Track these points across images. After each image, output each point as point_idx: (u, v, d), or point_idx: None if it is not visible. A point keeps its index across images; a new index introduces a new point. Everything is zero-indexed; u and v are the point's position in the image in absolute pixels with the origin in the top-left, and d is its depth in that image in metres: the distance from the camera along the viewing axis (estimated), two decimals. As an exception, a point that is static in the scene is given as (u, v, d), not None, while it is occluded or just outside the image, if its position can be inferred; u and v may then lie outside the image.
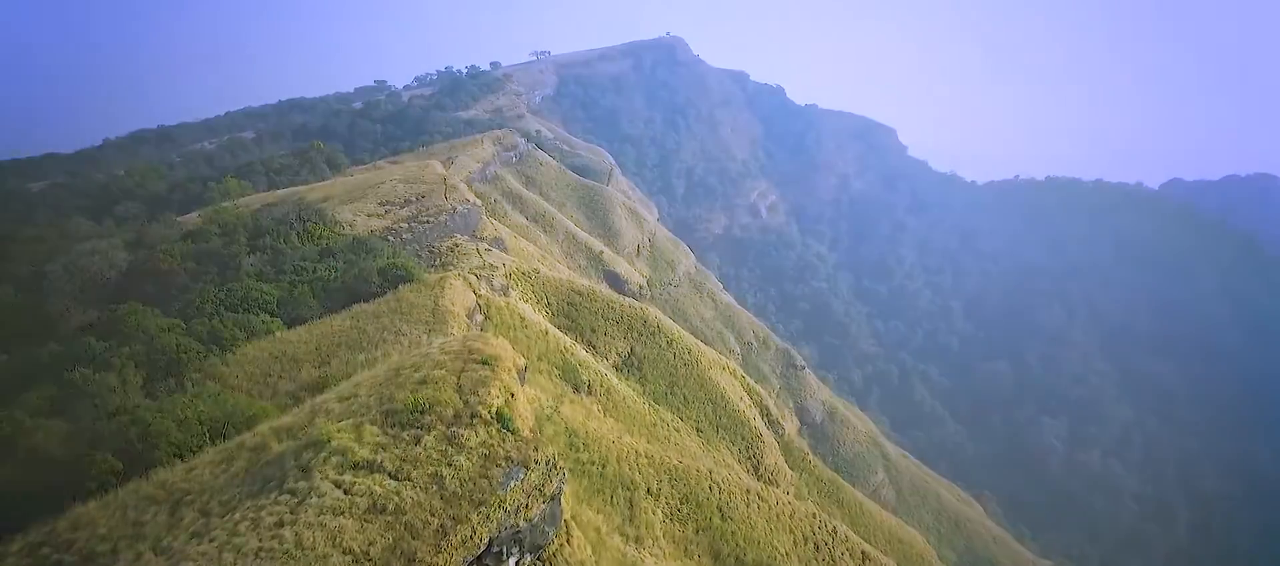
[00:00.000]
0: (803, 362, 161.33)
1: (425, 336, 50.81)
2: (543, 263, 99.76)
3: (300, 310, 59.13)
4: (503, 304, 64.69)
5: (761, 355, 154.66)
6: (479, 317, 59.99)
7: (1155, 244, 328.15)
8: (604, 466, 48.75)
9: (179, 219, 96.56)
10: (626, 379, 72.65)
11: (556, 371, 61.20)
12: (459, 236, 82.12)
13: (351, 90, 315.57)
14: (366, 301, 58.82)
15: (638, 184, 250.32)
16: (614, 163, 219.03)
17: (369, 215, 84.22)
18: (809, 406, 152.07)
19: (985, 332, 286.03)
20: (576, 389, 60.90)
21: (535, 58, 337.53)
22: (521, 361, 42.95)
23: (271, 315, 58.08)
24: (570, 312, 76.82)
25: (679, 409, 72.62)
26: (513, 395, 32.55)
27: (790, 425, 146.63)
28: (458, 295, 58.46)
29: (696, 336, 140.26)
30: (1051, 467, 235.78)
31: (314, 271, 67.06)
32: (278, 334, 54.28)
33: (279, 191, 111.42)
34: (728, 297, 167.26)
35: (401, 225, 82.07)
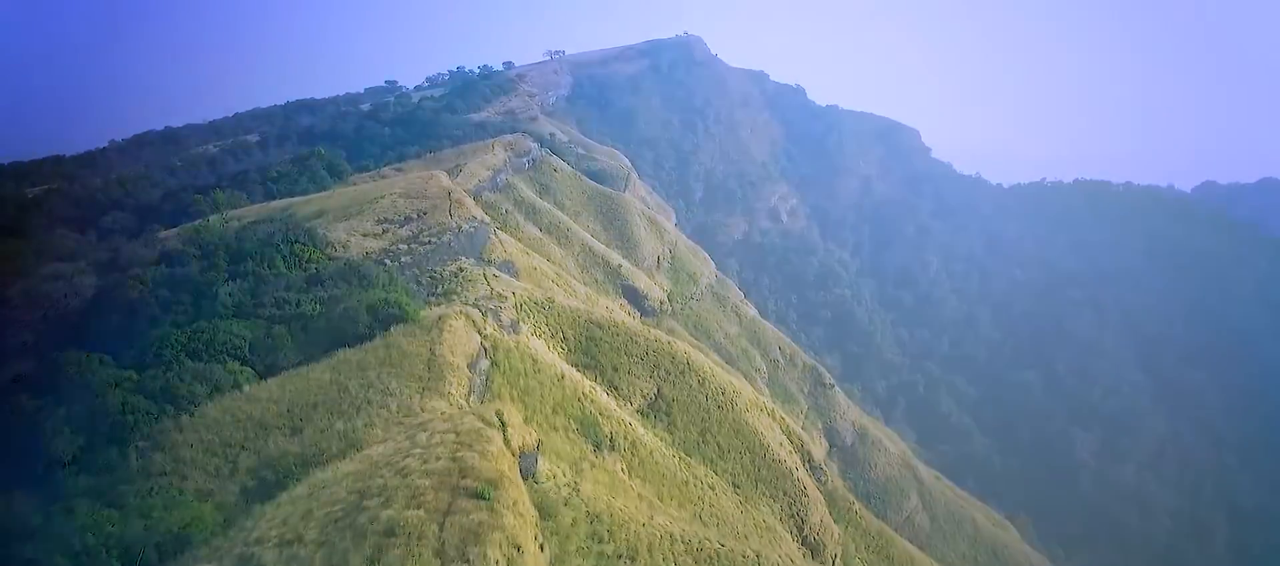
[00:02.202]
0: (832, 380, 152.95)
1: (418, 396, 42.44)
2: (558, 283, 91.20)
3: (276, 356, 50.86)
4: (512, 344, 56.19)
5: (788, 373, 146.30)
6: (484, 364, 51.56)
7: (1189, 249, 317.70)
8: (634, 559, 40.14)
9: (163, 234, 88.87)
10: (653, 425, 64.12)
11: (574, 425, 52.75)
12: (464, 259, 73.56)
13: (361, 90, 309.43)
14: (353, 346, 50.47)
15: (655, 188, 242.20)
16: (631, 166, 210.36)
17: (365, 234, 75.83)
18: (839, 427, 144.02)
19: (1013, 341, 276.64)
20: (597, 446, 52.45)
21: (549, 58, 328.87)
22: (534, 438, 34.53)
23: (242, 363, 49.87)
24: (589, 348, 68.20)
25: (713, 461, 64.01)
26: (520, 549, 23.72)
27: (819, 448, 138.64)
28: (458, 339, 50.02)
29: (720, 354, 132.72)
30: (1083, 482, 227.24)
31: (297, 304, 58.80)
32: (247, 388, 46.00)
33: (274, 203, 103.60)
34: (752, 311, 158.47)
35: (400, 246, 73.71)
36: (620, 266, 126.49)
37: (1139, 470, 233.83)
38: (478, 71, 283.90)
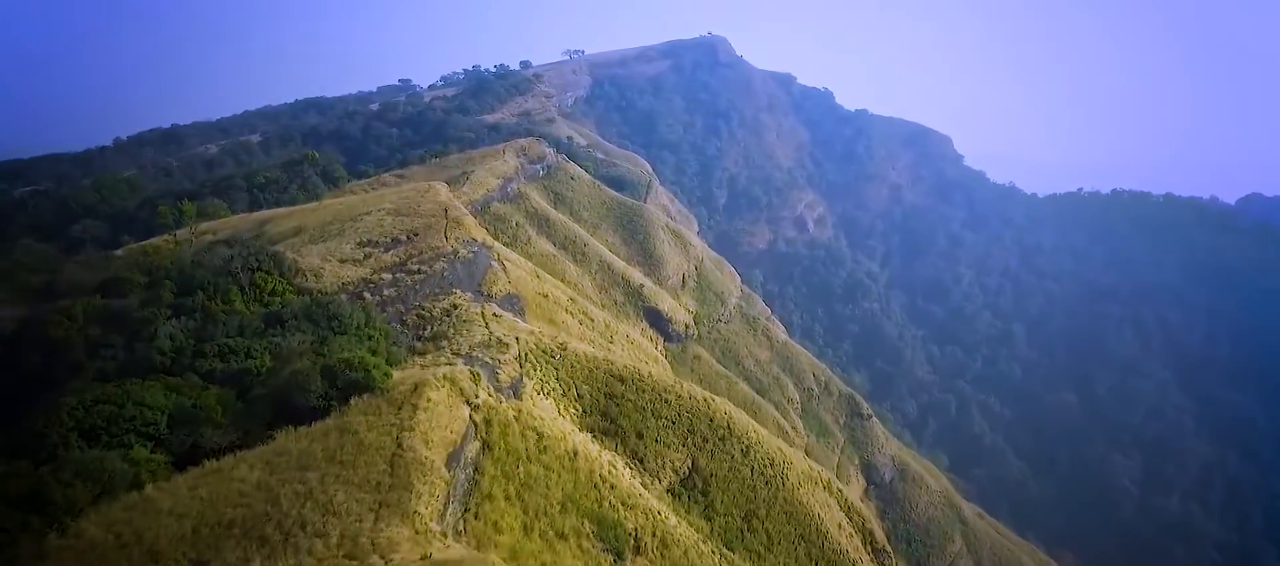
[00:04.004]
0: (869, 410, 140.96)
1: (371, 519, 30.41)
2: (572, 311, 78.86)
3: (202, 434, 38.79)
4: (511, 415, 43.95)
5: (822, 402, 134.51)
6: (472, 448, 39.48)
7: (1234, 264, 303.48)
8: None
9: (120, 252, 77.40)
10: (687, 510, 51.94)
11: (589, 525, 40.67)
12: (459, 293, 61.29)
13: (375, 89, 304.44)
14: (299, 424, 38.41)
15: (676, 194, 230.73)
16: (652, 172, 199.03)
17: (342, 261, 63.83)
18: (877, 462, 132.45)
19: (1050, 360, 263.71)
20: (618, 557, 40.46)
21: (568, 57, 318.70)
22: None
23: (156, 444, 38.04)
24: (609, 410, 55.85)
25: (760, 554, 51.74)
26: None
27: (856, 486, 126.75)
28: (438, 419, 37.93)
29: (750, 383, 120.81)
30: (1125, 511, 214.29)
31: (246, 355, 47.09)
32: (149, 489, 33.95)
33: (256, 214, 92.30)
34: (782, 333, 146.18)
35: (383, 276, 61.67)
36: (642, 286, 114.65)
37: (1184, 499, 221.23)
38: (493, 71, 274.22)
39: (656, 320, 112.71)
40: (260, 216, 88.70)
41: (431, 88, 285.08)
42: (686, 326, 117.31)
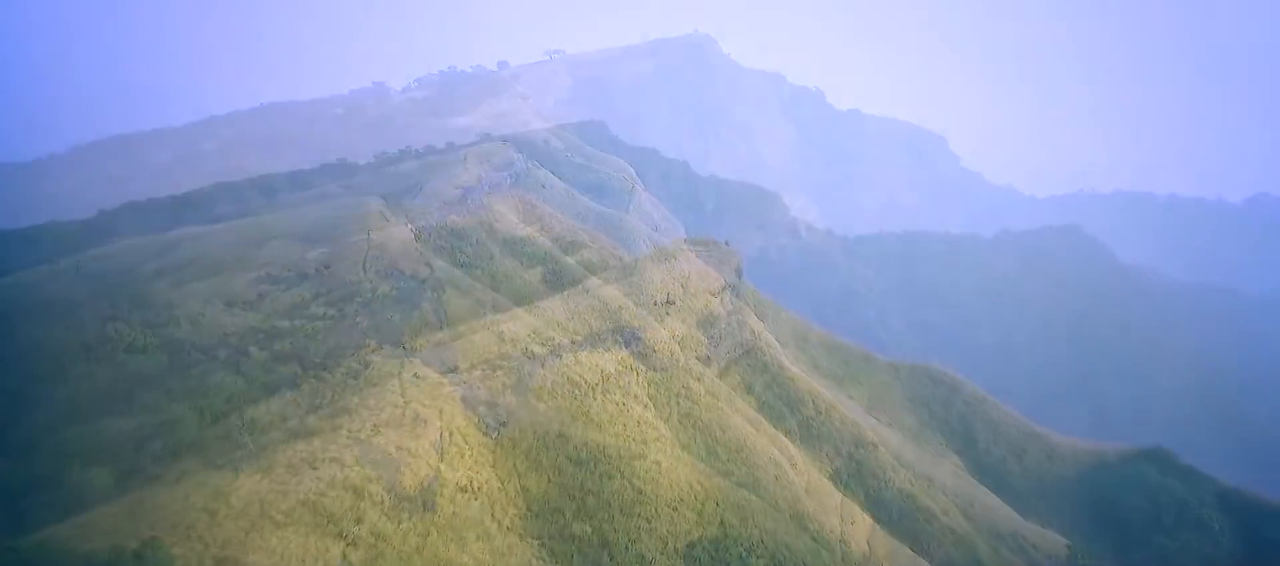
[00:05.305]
0: (874, 438, 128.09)
1: None
2: (530, 354, 65.22)
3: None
4: (412, 545, 30.56)
5: (823, 431, 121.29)
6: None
7: (1243, 265, 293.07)
8: None
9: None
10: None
11: None
12: (374, 345, 47.91)
13: (346, 93, 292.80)
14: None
15: (662, 200, 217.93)
16: (636, 177, 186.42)
17: (230, 303, 50.27)
18: (884, 496, 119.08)
19: (1056, 371, 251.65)
20: None
21: (548, 57, 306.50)
22: None
23: None
24: (564, 507, 41.76)
25: None
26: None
27: (862, 523, 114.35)
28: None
29: (742, 414, 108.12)
30: (1143, 534, 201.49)
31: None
32: None
33: (167, 235, 78.48)
34: (778, 352, 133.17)
35: (278, 324, 48.24)
36: (621, 308, 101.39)
37: (1203, 522, 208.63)
38: (468, 72, 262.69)
39: (637, 346, 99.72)
40: (171, 238, 75.23)
41: (405, 91, 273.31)
42: (672, 354, 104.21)
